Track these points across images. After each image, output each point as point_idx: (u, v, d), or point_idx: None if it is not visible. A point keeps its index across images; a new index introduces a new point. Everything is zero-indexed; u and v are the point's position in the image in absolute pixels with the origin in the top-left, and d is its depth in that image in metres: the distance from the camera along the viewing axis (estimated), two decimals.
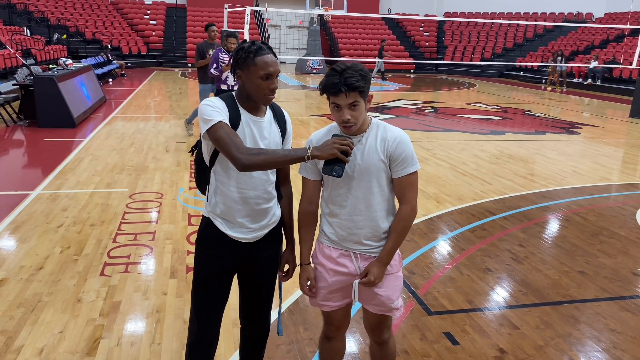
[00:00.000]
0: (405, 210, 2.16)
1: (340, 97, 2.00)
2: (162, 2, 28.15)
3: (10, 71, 12.91)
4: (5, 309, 3.31)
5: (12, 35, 16.48)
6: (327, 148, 1.94)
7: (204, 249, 2.23)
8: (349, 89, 1.98)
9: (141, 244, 4.41)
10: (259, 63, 2.02)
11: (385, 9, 31.16)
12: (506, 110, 14.05)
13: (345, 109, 2.02)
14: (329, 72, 2.04)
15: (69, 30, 22.67)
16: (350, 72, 1.99)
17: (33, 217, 4.91)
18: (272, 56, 2.05)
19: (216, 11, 26.99)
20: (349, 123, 2.03)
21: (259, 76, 2.02)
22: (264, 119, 2.14)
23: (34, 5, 22.95)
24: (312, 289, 2.28)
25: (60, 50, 18.48)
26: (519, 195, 6.21)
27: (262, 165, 1.95)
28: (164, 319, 3.28)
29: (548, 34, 27.94)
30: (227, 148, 1.94)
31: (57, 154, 7.35)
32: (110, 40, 23.26)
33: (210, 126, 1.99)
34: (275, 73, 2.04)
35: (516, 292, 3.81)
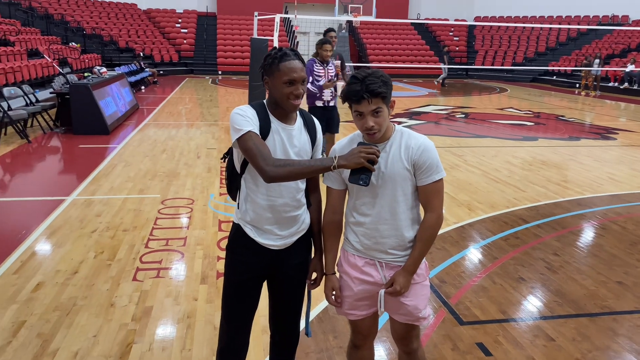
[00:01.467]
0: (431, 219, 2.13)
1: (363, 104, 1.98)
2: (193, 11, 28.63)
3: (47, 80, 13.30)
4: (42, 312, 3.39)
5: (49, 45, 17.00)
6: (353, 157, 1.93)
7: (234, 255, 2.25)
8: (371, 95, 1.96)
9: (172, 250, 4.46)
10: (283, 69, 2.03)
11: (415, 14, 31.01)
12: (539, 115, 13.79)
13: (368, 116, 2.00)
14: (350, 80, 2.02)
15: (103, 39, 23.26)
16: (372, 78, 1.97)
17: (68, 222, 5.02)
18: (297, 62, 2.05)
19: (246, 19, 27.31)
20: (373, 130, 2.01)
21: (283, 82, 2.03)
22: (294, 127, 2.14)
23: (71, 15, 23.62)
24: (337, 299, 2.27)
25: (95, 58, 18.97)
26: (553, 202, 6.06)
27: (288, 176, 1.97)
28: (195, 324, 3.31)
29: (582, 38, 27.36)
30: (254, 159, 1.96)
31: (92, 161, 7.52)
32: (142, 49, 23.76)
33: (240, 136, 2.01)
34: (299, 79, 2.03)
35: (551, 303, 3.71)
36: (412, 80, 24.82)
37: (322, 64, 6.41)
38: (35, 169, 7.17)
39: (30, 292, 3.64)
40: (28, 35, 16.65)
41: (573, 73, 23.34)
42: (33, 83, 12.19)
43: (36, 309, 3.43)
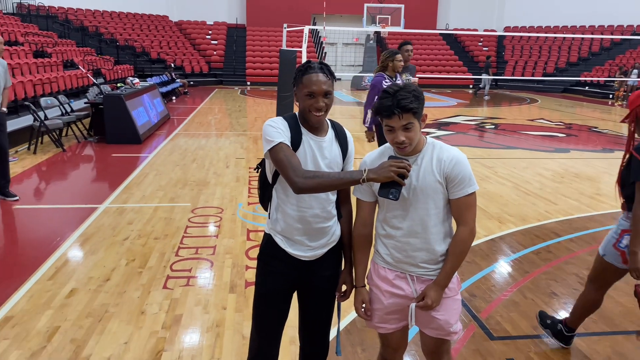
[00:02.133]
0: (464, 233, 2.10)
1: (394, 119, 1.98)
2: (223, 23, 29.09)
3: (82, 90, 13.66)
4: (76, 318, 3.46)
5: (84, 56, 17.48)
6: (383, 171, 1.93)
7: (264, 265, 2.26)
8: (403, 110, 1.95)
9: (202, 258, 4.51)
10: (305, 81, 2.05)
11: (443, 24, 30.89)
12: (571, 126, 13.53)
13: (399, 130, 1.99)
14: (382, 94, 2.02)
15: (135, 51, 23.80)
16: (403, 93, 1.96)
17: (101, 230, 5.13)
18: (321, 75, 2.06)
19: (275, 30, 27.62)
20: (404, 144, 2.01)
21: (305, 94, 2.05)
22: (324, 139, 2.15)
23: (105, 27, 24.25)
24: (367, 312, 2.25)
25: (128, 69, 19.41)
26: (586, 216, 5.93)
27: (317, 188, 1.98)
28: (224, 333, 3.33)
29: (616, 47, 26.79)
30: (285, 170, 1.98)
31: (124, 169, 7.67)
32: (174, 60, 24.23)
33: (272, 147, 2.03)
34: (319, 92, 2.04)
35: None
36: (441, 90, 24.67)
37: (392, 78, 5.58)
38: (69, 177, 7.35)
39: (64, 298, 3.73)
40: (64, 47, 17.15)
41: (606, 84, 22.85)
42: (68, 93, 12.54)
43: (70, 314, 3.50)
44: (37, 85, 11.06)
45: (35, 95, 10.69)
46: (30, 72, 11.98)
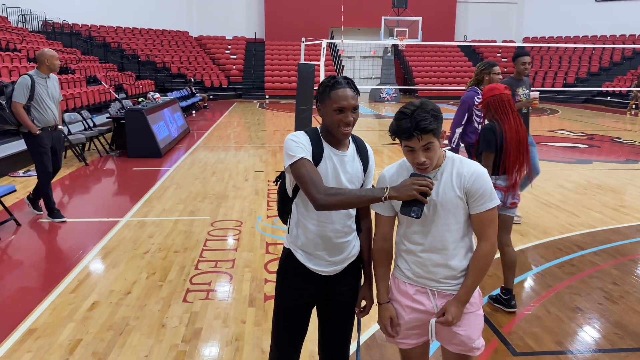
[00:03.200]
0: (485, 248, 2.07)
1: (414, 141, 1.95)
2: (242, 37, 29.45)
3: (104, 105, 13.92)
4: (97, 331, 3.49)
5: (106, 72, 17.82)
6: (405, 189, 1.91)
7: (284, 280, 2.26)
8: (422, 132, 1.93)
9: (221, 271, 4.53)
10: (334, 97, 2.05)
11: (461, 35, 30.83)
12: (593, 137, 13.34)
13: (419, 151, 1.97)
14: (398, 115, 1.99)
15: (156, 66, 24.20)
16: (421, 113, 1.93)
17: (122, 243, 5.19)
18: (348, 90, 2.07)
19: (293, 44, 27.86)
20: (425, 165, 1.99)
21: (334, 109, 2.05)
22: (346, 153, 2.16)
23: (126, 43, 24.73)
24: (396, 328, 2.22)
25: (149, 84, 19.73)
26: (610, 228, 5.81)
27: (339, 205, 1.98)
28: (243, 347, 3.33)
29: (638, 57, 26.42)
30: (306, 186, 1.99)
31: (145, 183, 7.77)
32: (194, 75, 24.57)
33: (293, 162, 2.03)
34: (349, 107, 2.05)
35: (611, 335, 3.53)
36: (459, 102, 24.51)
37: None
38: (91, 191, 7.46)
39: (86, 311, 3.77)
40: (87, 63, 17.53)
41: (628, 93, 22.51)
42: (91, 108, 12.78)
43: (91, 327, 3.54)
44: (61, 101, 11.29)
45: None
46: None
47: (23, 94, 5.51)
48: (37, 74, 5.65)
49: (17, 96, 5.50)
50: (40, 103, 5.62)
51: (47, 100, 5.68)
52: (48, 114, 5.70)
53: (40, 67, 5.66)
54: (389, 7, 25.89)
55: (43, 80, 5.67)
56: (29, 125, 5.55)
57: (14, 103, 5.51)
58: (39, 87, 5.61)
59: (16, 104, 5.49)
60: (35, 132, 5.57)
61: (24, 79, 5.55)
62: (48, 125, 5.73)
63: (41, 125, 5.65)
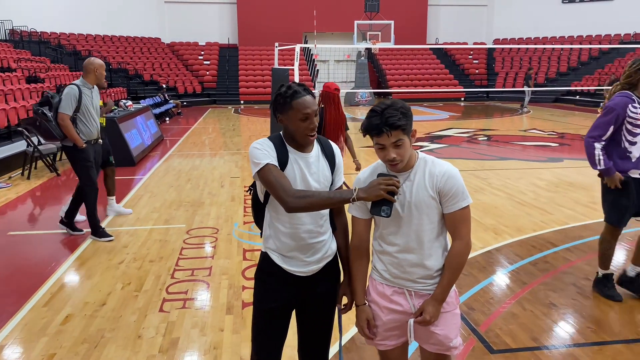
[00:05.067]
0: (459, 247, 2.10)
1: (383, 137, 1.99)
2: (215, 43, 29.28)
3: None
4: (71, 344, 3.42)
5: None
6: (372, 189, 1.95)
7: (262, 284, 2.27)
8: (391, 128, 1.97)
9: (198, 280, 4.48)
10: (296, 106, 2.07)
11: (433, 38, 31.20)
12: (563, 136, 13.62)
13: (390, 148, 2.01)
14: (369, 113, 2.04)
15: (128, 73, 23.90)
16: (391, 111, 1.98)
17: (96, 254, 5.10)
18: (308, 97, 2.10)
19: (267, 49, 27.81)
20: (395, 161, 2.02)
21: (298, 118, 2.08)
22: (311, 154, 2.18)
23: (97, 51, 24.37)
24: (373, 329, 2.23)
25: (121, 92, 19.46)
26: (582, 225, 5.94)
27: (309, 207, 2.01)
28: (221, 355, 3.30)
29: (604, 57, 27.10)
30: (275, 191, 2.02)
31: (118, 192, 7.62)
32: (167, 81, 24.33)
33: (259, 169, 2.07)
34: (312, 113, 2.08)
35: (585, 329, 3.60)
36: (433, 104, 24.82)
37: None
38: (64, 202, 7.30)
39: (59, 325, 3.69)
40: (57, 72, 17.21)
41: (596, 92, 23.06)
42: None
43: (65, 341, 3.46)
44: (30, 111, 11.06)
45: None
46: (24, 98, 12.00)
47: (70, 105, 5.15)
48: (83, 83, 5.29)
49: (65, 107, 5.14)
50: (86, 115, 5.29)
51: (92, 111, 5.35)
52: (93, 126, 5.38)
53: (87, 76, 5.30)
54: (362, 11, 26.06)
55: (89, 91, 5.32)
56: (75, 138, 5.19)
57: (61, 114, 5.13)
58: (85, 98, 5.26)
59: (63, 115, 5.13)
60: (82, 146, 5.23)
61: (72, 89, 5.19)
62: (92, 138, 5.40)
63: (86, 138, 5.32)
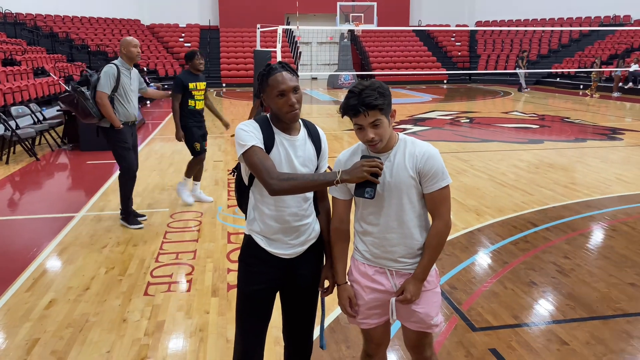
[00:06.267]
0: (439, 226, 2.13)
1: (361, 117, 2.00)
2: (196, 25, 28.87)
3: (54, 97, 13.43)
4: (55, 329, 3.41)
5: (55, 63, 17.18)
6: (356, 171, 1.95)
7: (246, 266, 2.27)
8: (368, 108, 1.97)
9: (183, 263, 4.48)
10: (272, 83, 2.07)
11: (416, 20, 31.12)
12: (544, 118, 13.77)
13: (368, 128, 2.02)
14: (347, 94, 2.05)
15: (108, 56, 23.48)
16: (368, 91, 1.98)
17: (79, 239, 5.06)
18: (285, 73, 2.08)
19: (248, 31, 27.51)
20: (374, 142, 2.03)
21: (275, 95, 2.07)
22: (297, 137, 2.17)
23: (75, 33, 23.87)
24: (355, 307, 2.26)
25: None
26: (562, 205, 6.04)
27: (292, 190, 2.01)
28: (207, 338, 3.32)
29: (584, 39, 27.33)
30: (259, 173, 2.01)
31: (100, 176, 7.57)
32: (147, 64, 23.97)
33: (245, 150, 2.06)
34: (289, 89, 2.06)
35: (563, 306, 3.69)
36: (415, 86, 24.86)
37: None
38: (44, 187, 7.22)
39: (42, 310, 3.67)
40: (34, 55, 16.84)
41: (577, 74, 23.30)
42: (40, 101, 12.32)
43: (49, 326, 3.45)
44: (7, 94, 10.84)
45: (6, 104, 10.48)
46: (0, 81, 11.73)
47: (109, 84, 5.03)
48: (121, 63, 5.19)
49: (104, 85, 5.01)
50: (125, 95, 5.17)
51: (130, 92, 5.22)
52: (131, 107, 5.25)
53: (121, 56, 5.22)
54: None
55: (127, 71, 5.21)
56: (113, 119, 5.06)
57: (99, 93, 5.00)
58: (124, 78, 5.15)
59: (102, 93, 5.00)
60: (119, 127, 5.11)
61: (110, 68, 5.08)
62: (129, 120, 5.27)
63: (124, 119, 5.19)
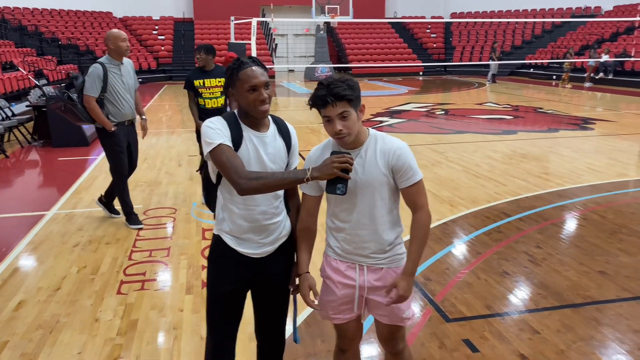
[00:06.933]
0: (422, 217, 2.14)
1: (329, 108, 1.99)
2: (169, 17, 28.45)
3: (23, 92, 13.11)
4: (24, 331, 3.34)
5: (24, 57, 16.76)
6: (326, 168, 1.93)
7: (215, 267, 2.24)
8: (336, 98, 1.97)
9: (156, 261, 4.43)
10: (242, 77, 2.03)
11: (391, 12, 31.16)
12: (517, 108, 13.94)
13: (336, 120, 2.00)
14: (317, 86, 2.04)
15: (79, 49, 23.01)
16: (337, 83, 1.99)
17: (50, 238, 4.95)
18: (256, 68, 2.05)
19: (223, 23, 27.20)
20: (342, 134, 2.01)
21: (246, 90, 2.03)
22: (267, 134, 2.14)
23: (45, 26, 23.32)
24: (316, 297, 2.23)
25: (72, 69, 18.74)
26: (534, 195, 6.14)
27: (262, 189, 1.98)
28: (182, 335, 3.29)
29: (557, 30, 27.73)
30: (227, 172, 1.97)
31: (72, 173, 7.43)
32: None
33: (212, 149, 2.01)
34: (260, 84, 2.03)
35: (535, 296, 3.75)
36: (392, 78, 24.94)
37: None
38: (14, 184, 7.06)
39: (12, 311, 3.59)
40: (2, 49, 16.40)
41: (549, 65, 23.64)
42: (8, 97, 12.00)
43: (18, 328, 3.38)
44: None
45: None
46: None
47: (95, 86, 4.75)
48: (109, 60, 4.85)
49: (89, 89, 4.75)
50: (115, 94, 4.86)
51: (121, 90, 4.91)
52: (124, 106, 4.95)
53: (109, 52, 4.86)
54: None
55: (116, 68, 4.87)
56: (103, 122, 4.84)
57: (86, 97, 4.76)
58: (112, 77, 4.83)
59: (88, 97, 4.75)
60: (110, 129, 4.87)
61: (95, 69, 4.77)
62: (124, 119, 5.01)
63: (117, 120, 4.94)
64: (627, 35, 23.13)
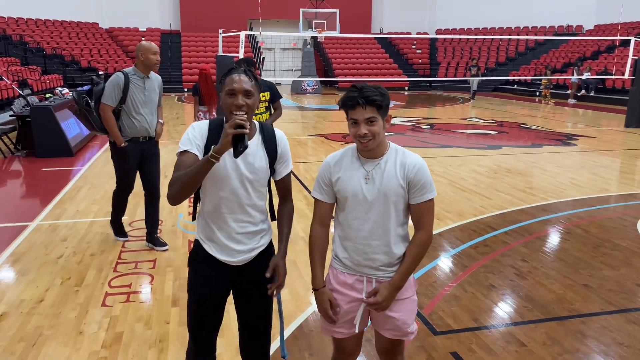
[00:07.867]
0: (422, 237, 2.15)
1: (358, 110, 2.01)
2: (156, 29, 28.41)
3: (7, 102, 12.97)
4: (7, 344, 3.27)
5: (8, 67, 16.60)
6: (222, 136, 1.92)
7: (195, 271, 2.25)
8: (366, 102, 2.00)
9: (142, 272, 4.38)
10: (227, 81, 2.07)
11: (378, 28, 31.49)
12: (502, 124, 14.12)
13: (362, 123, 2.02)
14: (349, 88, 2.08)
15: (64, 60, 22.86)
16: (369, 88, 2.04)
17: (33, 249, 4.88)
18: (242, 75, 2.06)
19: (211, 36, 27.26)
20: (366, 137, 2.03)
21: (226, 93, 2.06)
22: (249, 143, 2.11)
23: (30, 36, 23.14)
24: (336, 309, 2.20)
25: (57, 79, 18.60)
26: (519, 209, 6.20)
27: (181, 191, 2.00)
28: (167, 348, 3.25)
29: (540, 47, 28.22)
30: None
31: (56, 184, 7.34)
32: (105, 68, 23.41)
33: (177, 153, 2.08)
34: (239, 89, 2.03)
35: (521, 309, 3.78)
36: None
37: None
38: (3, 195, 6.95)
39: None
40: None
41: (533, 82, 24.03)
42: None
43: (0, 340, 3.31)
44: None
45: None
46: None
47: (113, 95, 4.48)
48: (134, 71, 4.59)
49: (107, 97, 4.49)
50: (133, 108, 4.57)
51: (140, 105, 4.61)
52: (141, 121, 4.64)
53: (137, 63, 4.61)
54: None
55: (140, 80, 4.59)
56: (115, 135, 4.57)
57: (102, 105, 4.50)
58: (134, 88, 4.55)
59: (105, 106, 4.50)
60: (120, 144, 4.60)
61: (116, 77, 4.53)
62: (138, 135, 4.69)
63: (130, 135, 4.65)
64: (608, 54, 23.62)
